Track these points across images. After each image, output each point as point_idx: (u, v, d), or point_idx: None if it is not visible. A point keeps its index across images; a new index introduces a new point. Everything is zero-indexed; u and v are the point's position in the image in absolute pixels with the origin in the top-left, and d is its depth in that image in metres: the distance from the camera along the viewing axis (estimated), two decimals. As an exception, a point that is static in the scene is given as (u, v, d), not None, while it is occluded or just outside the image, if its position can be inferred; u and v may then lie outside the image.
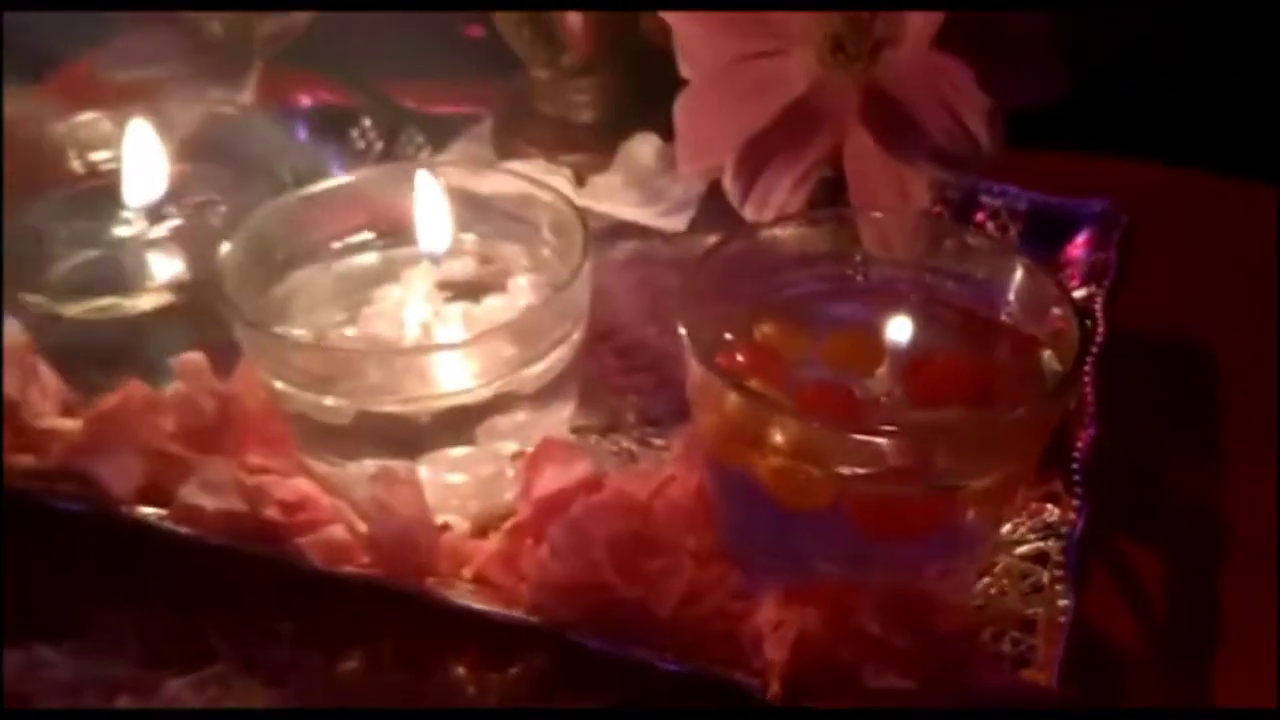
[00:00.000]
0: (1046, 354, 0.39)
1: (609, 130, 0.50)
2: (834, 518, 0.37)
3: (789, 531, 0.38)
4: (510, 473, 0.43)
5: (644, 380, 0.51)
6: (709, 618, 0.38)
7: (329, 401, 0.39)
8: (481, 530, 0.43)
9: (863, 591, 0.37)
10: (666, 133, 0.48)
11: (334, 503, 0.41)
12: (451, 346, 0.40)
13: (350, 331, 0.43)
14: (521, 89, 0.51)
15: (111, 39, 0.55)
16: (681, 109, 0.47)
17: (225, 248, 0.41)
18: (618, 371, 0.51)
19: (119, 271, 0.45)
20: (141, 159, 0.47)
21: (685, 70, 0.47)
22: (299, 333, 0.42)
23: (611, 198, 0.50)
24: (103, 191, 0.47)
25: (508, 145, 0.50)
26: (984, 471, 0.36)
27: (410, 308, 0.43)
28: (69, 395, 0.48)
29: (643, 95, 0.50)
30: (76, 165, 0.49)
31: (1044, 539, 0.42)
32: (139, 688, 0.40)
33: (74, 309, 0.44)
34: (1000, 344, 0.40)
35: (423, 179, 0.42)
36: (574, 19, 0.47)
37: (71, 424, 0.46)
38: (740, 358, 0.40)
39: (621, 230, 0.50)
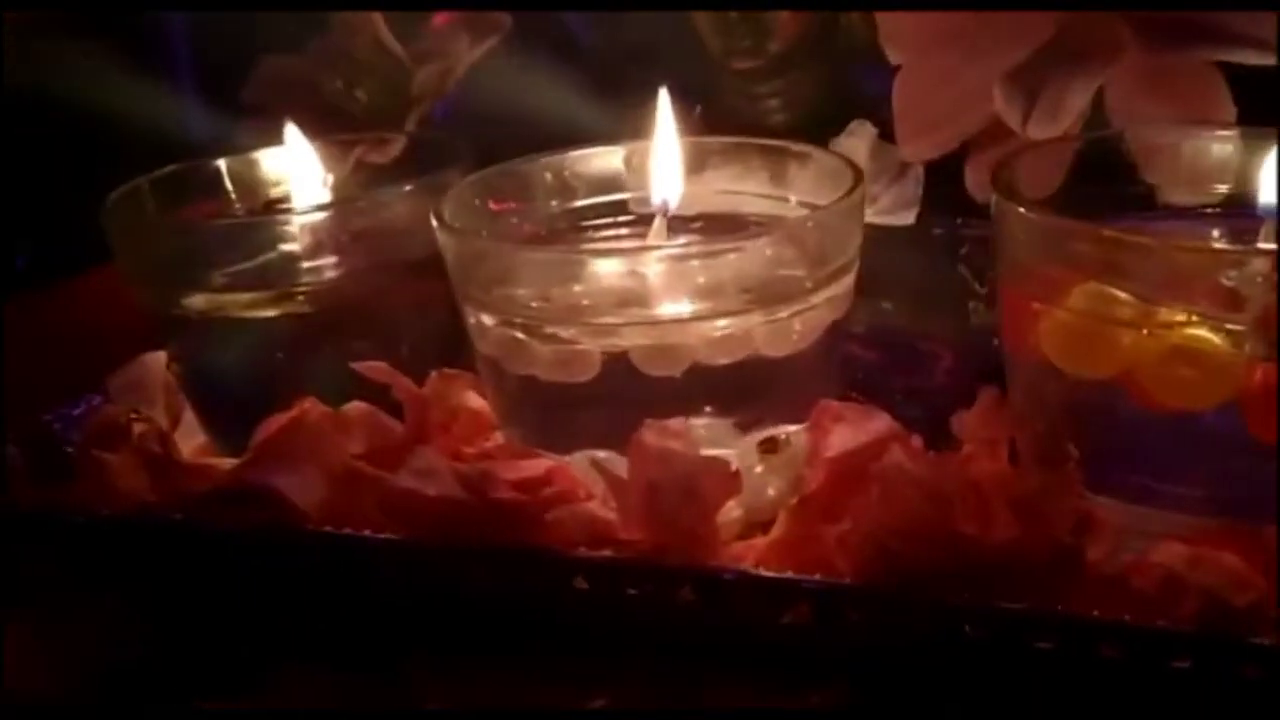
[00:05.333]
0: None
1: (805, 134, 0.45)
2: (1236, 420, 0.29)
3: (1179, 452, 0.31)
4: (759, 469, 0.35)
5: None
6: (1092, 565, 0.30)
7: (570, 333, 0.32)
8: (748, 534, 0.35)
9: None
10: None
11: (586, 477, 0.33)
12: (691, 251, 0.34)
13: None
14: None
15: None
16: (900, 89, 0.42)
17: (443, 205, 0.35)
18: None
19: (277, 274, 0.39)
20: (305, 177, 0.42)
21: (894, 56, 0.43)
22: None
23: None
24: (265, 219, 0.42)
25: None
26: None
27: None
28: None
29: (839, 97, 0.45)
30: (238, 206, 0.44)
31: None
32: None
33: (234, 308, 0.38)
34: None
35: (661, 102, 0.37)
36: (780, 3, 0.43)
37: (225, 463, 0.38)
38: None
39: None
